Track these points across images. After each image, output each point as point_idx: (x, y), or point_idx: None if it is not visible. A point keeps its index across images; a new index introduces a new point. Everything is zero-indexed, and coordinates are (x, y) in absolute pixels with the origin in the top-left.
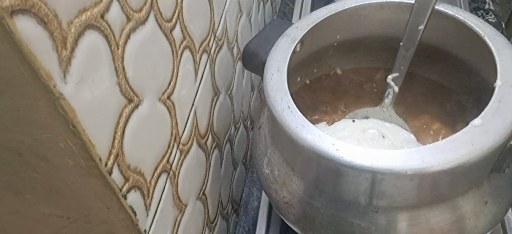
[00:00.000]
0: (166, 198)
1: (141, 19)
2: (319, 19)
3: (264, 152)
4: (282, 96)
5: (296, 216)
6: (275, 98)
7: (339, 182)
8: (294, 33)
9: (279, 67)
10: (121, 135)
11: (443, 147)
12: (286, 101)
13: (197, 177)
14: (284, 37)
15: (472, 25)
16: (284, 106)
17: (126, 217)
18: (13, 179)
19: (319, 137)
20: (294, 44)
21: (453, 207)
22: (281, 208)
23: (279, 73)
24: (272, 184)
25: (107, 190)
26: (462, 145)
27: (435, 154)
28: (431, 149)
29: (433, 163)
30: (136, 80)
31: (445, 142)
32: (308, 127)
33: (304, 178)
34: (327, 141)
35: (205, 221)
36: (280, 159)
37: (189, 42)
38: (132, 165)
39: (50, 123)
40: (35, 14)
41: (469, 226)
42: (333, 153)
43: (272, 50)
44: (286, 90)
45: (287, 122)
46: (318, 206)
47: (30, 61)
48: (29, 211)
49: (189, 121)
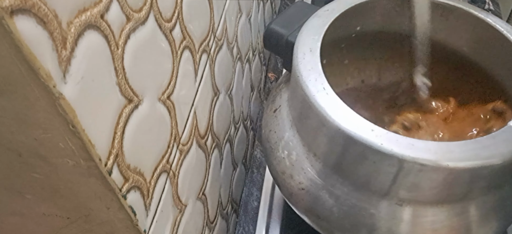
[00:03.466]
0: (166, 198)
1: (141, 19)
2: (350, 4)
3: (280, 135)
4: (316, 77)
5: (311, 204)
6: (309, 79)
7: (369, 170)
8: (325, 15)
9: (311, 47)
10: (121, 135)
11: (484, 143)
12: (321, 82)
13: (197, 177)
14: (315, 18)
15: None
16: (319, 87)
17: (126, 217)
18: (13, 179)
19: (357, 121)
20: (326, 26)
21: (477, 205)
22: (295, 195)
23: (312, 54)
24: (287, 169)
25: (107, 190)
26: (502, 142)
27: (476, 149)
28: (472, 144)
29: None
30: (136, 80)
31: (486, 138)
32: (345, 110)
33: (326, 164)
34: (366, 127)
35: (205, 221)
36: (301, 142)
37: (189, 42)
38: (132, 165)
39: (50, 123)
40: (34, 14)
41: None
42: (372, 139)
43: (303, 31)
44: (320, 71)
45: (322, 103)
46: (339, 194)
47: (30, 61)
48: (29, 211)
49: (189, 121)
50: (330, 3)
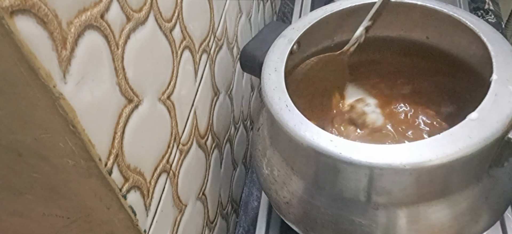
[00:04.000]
0: (166, 198)
1: (141, 19)
2: (315, 20)
3: (263, 152)
4: (280, 96)
5: (297, 216)
6: (273, 98)
7: (338, 179)
8: (290, 34)
9: (276, 67)
10: (121, 135)
11: (441, 141)
12: (284, 100)
13: (197, 177)
14: (280, 38)
15: (467, 22)
16: (282, 105)
17: (126, 217)
18: (13, 179)
19: (317, 134)
20: (290, 44)
21: (453, 202)
22: (282, 208)
23: (277, 73)
24: (272, 185)
25: (107, 190)
26: (460, 138)
27: (433, 148)
28: (429, 143)
29: (431, 156)
30: (136, 80)
31: (443, 135)
32: (306, 124)
33: (303, 177)
34: (325, 138)
35: (205, 221)
36: (280, 159)
37: (189, 42)
38: (132, 165)
39: (50, 123)
40: (35, 14)
41: (469, 221)
42: (332, 150)
43: (269, 51)
44: (283, 89)
45: (285, 120)
46: (319, 205)
47: (30, 61)
48: (29, 211)
49: (189, 121)
50: (297, 21)
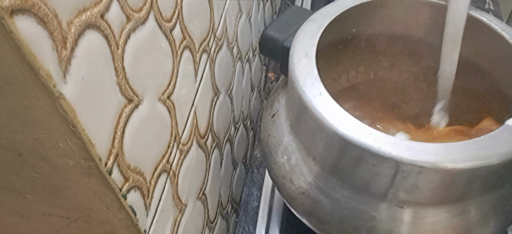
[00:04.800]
0: (166, 198)
1: (141, 19)
2: (344, 8)
3: (279, 140)
4: (312, 82)
5: (311, 208)
6: (305, 84)
7: (368, 173)
8: (320, 19)
9: (307, 52)
10: (121, 134)
11: (482, 144)
12: (317, 87)
13: (197, 177)
14: (309, 23)
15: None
16: (315, 92)
17: (126, 217)
18: (13, 179)
19: (354, 124)
20: (321, 30)
21: (477, 205)
22: (295, 199)
23: (308, 59)
24: (287, 174)
25: (107, 190)
26: (500, 142)
27: (475, 150)
28: (470, 144)
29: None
30: (136, 80)
31: (483, 139)
32: (342, 114)
33: (325, 167)
34: (364, 130)
35: (205, 221)
36: (299, 147)
37: (189, 42)
38: (132, 165)
39: (50, 123)
40: (35, 14)
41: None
42: (370, 143)
43: (298, 36)
44: (316, 76)
45: (319, 108)
46: (339, 198)
47: (30, 61)
48: (29, 211)
49: (189, 121)
50: (325, 7)
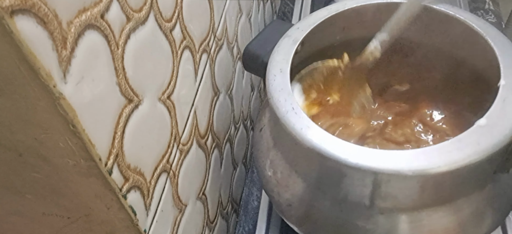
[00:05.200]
0: (166, 198)
1: (141, 19)
2: (319, 20)
3: (266, 154)
4: (285, 98)
5: (299, 218)
6: (278, 100)
7: (344, 183)
8: (295, 34)
9: (281, 68)
10: (121, 134)
11: (449, 147)
12: (290, 103)
13: (197, 177)
14: (285, 38)
15: (474, 26)
16: (288, 107)
17: (126, 217)
18: (13, 179)
19: (324, 138)
20: (295, 45)
21: (457, 208)
22: (284, 210)
23: (282, 74)
24: (275, 187)
25: (107, 190)
26: (468, 145)
27: (441, 154)
28: (437, 149)
29: (440, 163)
30: (136, 80)
31: (451, 142)
32: (313, 128)
33: (307, 179)
34: (333, 143)
35: (205, 221)
36: (283, 161)
37: (189, 42)
38: (132, 164)
39: (50, 123)
40: (35, 14)
41: (473, 226)
42: (339, 155)
43: (274, 52)
44: (289, 91)
45: (292, 123)
46: (322, 208)
47: (30, 61)
48: (29, 211)
49: (189, 121)
50: (301, 20)
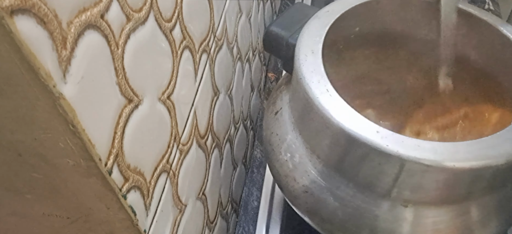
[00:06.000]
0: (166, 198)
1: (141, 19)
2: (349, 5)
3: (282, 137)
4: (319, 79)
5: (314, 207)
6: (311, 81)
7: (374, 172)
8: (325, 16)
9: (313, 49)
10: (121, 134)
11: (489, 142)
12: (324, 84)
13: (197, 177)
14: (315, 19)
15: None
16: (322, 89)
17: (126, 217)
18: (13, 179)
19: (362, 122)
20: (327, 27)
21: (481, 205)
22: (298, 197)
23: (314, 56)
24: (290, 171)
25: (107, 190)
26: (506, 141)
27: (480, 149)
28: (476, 144)
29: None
30: (136, 80)
31: (490, 138)
32: (349, 111)
33: (330, 165)
34: (371, 128)
35: (205, 221)
36: (303, 145)
37: (189, 42)
38: (132, 165)
39: (50, 123)
40: (34, 14)
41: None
42: (377, 141)
43: (303, 32)
44: (323, 73)
45: (326, 105)
46: (342, 196)
47: (30, 61)
48: (29, 211)
49: (189, 121)
50: (330, 4)
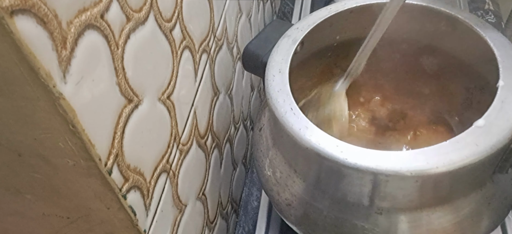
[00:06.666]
0: (165, 198)
1: (141, 19)
2: (319, 20)
3: (265, 153)
4: (284, 98)
5: (299, 218)
6: (277, 100)
7: (342, 183)
8: (295, 34)
9: (280, 69)
10: (121, 134)
11: (448, 148)
12: (288, 103)
13: (197, 177)
14: (284, 38)
15: (473, 25)
16: (287, 108)
17: (126, 217)
18: (13, 179)
19: (323, 138)
20: (295, 45)
21: (456, 208)
22: (283, 210)
23: (281, 75)
24: (274, 186)
25: (107, 190)
26: (466, 145)
27: (439, 155)
28: (436, 150)
29: (438, 164)
30: (136, 80)
31: (449, 143)
32: (311, 128)
33: (306, 179)
34: (331, 143)
35: (204, 221)
36: (282, 160)
37: (189, 42)
38: (132, 165)
39: (49, 123)
40: (35, 14)
41: (472, 226)
42: (337, 155)
43: (273, 52)
44: (288, 92)
45: (290, 123)
46: (321, 208)
47: (30, 61)
48: (29, 211)
49: (188, 121)
50: (300, 20)
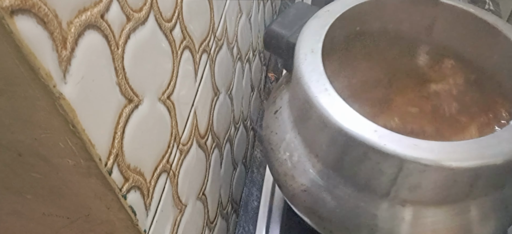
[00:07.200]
0: (166, 198)
1: (141, 19)
2: (349, 5)
3: (281, 137)
4: (318, 78)
5: (313, 206)
6: (310, 80)
7: (372, 171)
8: (325, 16)
9: (313, 48)
10: (121, 134)
11: (486, 142)
12: (323, 83)
13: (197, 177)
14: (315, 19)
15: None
16: (321, 88)
17: (126, 217)
18: (13, 179)
19: (360, 121)
20: (327, 26)
21: (477, 205)
22: (296, 196)
23: (314, 55)
24: (289, 170)
25: (107, 190)
26: (504, 141)
27: (478, 149)
28: (474, 143)
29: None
30: (136, 80)
31: (488, 137)
32: (348, 110)
33: (328, 165)
34: (369, 127)
35: (205, 221)
36: (302, 144)
37: (189, 42)
38: (132, 165)
39: (50, 123)
40: (35, 14)
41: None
42: (375, 140)
43: (303, 32)
44: (322, 72)
45: (324, 104)
46: (341, 195)
47: (30, 61)
48: (29, 211)
49: (189, 121)
50: (330, 4)
